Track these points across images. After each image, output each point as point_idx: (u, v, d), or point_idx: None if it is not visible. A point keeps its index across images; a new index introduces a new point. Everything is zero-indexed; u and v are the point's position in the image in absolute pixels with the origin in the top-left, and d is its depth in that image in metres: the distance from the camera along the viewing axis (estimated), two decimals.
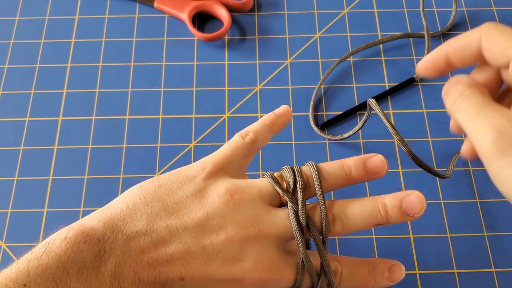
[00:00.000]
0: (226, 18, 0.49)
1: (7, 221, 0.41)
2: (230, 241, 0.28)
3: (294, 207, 0.30)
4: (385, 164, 0.31)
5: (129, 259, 0.26)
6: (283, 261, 0.30)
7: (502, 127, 0.24)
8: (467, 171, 0.43)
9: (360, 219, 0.30)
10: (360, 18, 0.51)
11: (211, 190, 0.30)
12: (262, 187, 0.31)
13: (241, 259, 0.28)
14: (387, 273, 0.32)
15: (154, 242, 0.27)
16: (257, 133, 0.33)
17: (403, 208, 0.30)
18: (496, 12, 0.51)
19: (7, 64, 0.49)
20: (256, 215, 0.29)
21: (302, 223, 0.29)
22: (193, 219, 0.28)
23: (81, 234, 0.26)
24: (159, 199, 0.29)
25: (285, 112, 0.35)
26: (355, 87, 0.47)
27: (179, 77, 0.48)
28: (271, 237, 0.29)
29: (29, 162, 0.44)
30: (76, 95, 0.47)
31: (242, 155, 0.32)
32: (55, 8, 0.52)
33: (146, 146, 0.45)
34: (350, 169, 0.31)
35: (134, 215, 0.28)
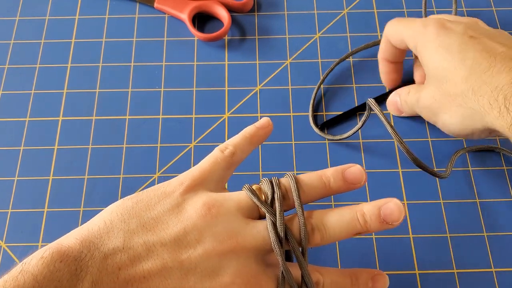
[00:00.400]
0: (226, 18, 0.49)
1: (7, 221, 0.41)
2: (208, 255, 0.28)
3: (272, 219, 0.30)
4: (363, 174, 0.32)
5: (106, 276, 0.26)
6: (263, 273, 0.29)
7: None
8: (467, 171, 0.43)
9: (339, 229, 0.30)
10: (360, 18, 0.51)
11: (189, 205, 0.30)
12: (240, 199, 0.31)
13: (219, 273, 0.28)
14: (370, 283, 0.32)
15: (131, 259, 0.27)
16: (237, 146, 0.33)
17: (381, 216, 0.30)
18: (496, 12, 0.51)
19: (7, 64, 0.49)
20: (234, 228, 0.29)
21: (280, 235, 0.29)
22: (170, 234, 0.28)
23: (57, 253, 0.26)
24: (136, 215, 0.29)
25: (265, 124, 0.35)
26: (355, 87, 0.47)
27: (179, 77, 0.48)
28: (250, 250, 0.29)
29: (29, 162, 0.44)
30: (76, 95, 0.47)
31: (222, 169, 0.32)
32: (55, 8, 0.52)
33: (146, 146, 0.45)
34: (329, 180, 0.31)
35: (111, 232, 0.28)
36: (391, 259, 0.39)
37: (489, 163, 0.43)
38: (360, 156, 0.44)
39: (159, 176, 0.43)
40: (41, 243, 0.40)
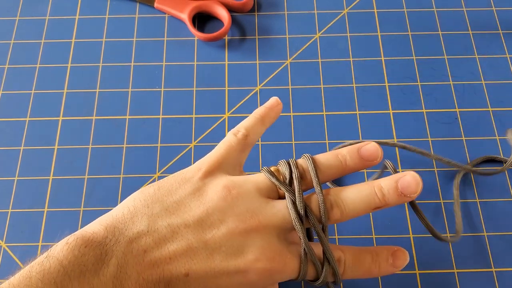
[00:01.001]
0: (226, 18, 0.49)
1: (7, 221, 0.41)
2: (232, 235, 0.28)
3: (291, 197, 0.30)
4: (379, 150, 0.32)
5: (132, 259, 0.26)
6: (286, 251, 0.30)
7: None
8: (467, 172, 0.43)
9: (357, 203, 0.30)
10: (360, 18, 0.51)
11: (209, 188, 0.30)
12: (259, 181, 0.31)
13: (243, 251, 0.28)
14: (390, 259, 0.32)
15: (156, 241, 0.27)
16: (249, 128, 0.34)
17: (399, 189, 0.30)
18: (496, 12, 0.51)
19: (7, 64, 0.49)
20: (255, 208, 0.30)
21: (300, 212, 0.30)
22: (193, 216, 0.29)
23: (82, 239, 0.26)
24: (159, 200, 0.29)
25: (275, 104, 0.36)
26: (355, 87, 0.47)
27: (179, 77, 0.48)
28: (272, 228, 0.30)
29: (29, 162, 0.44)
30: (76, 95, 0.47)
31: (237, 152, 0.33)
32: (55, 8, 0.52)
33: (146, 146, 0.45)
34: (345, 158, 0.32)
35: (135, 217, 0.28)
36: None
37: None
38: None
39: (159, 176, 0.43)
40: (41, 243, 0.40)
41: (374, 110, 0.46)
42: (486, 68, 0.48)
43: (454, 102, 0.46)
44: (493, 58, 0.49)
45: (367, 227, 0.41)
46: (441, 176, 0.43)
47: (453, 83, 0.47)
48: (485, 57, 0.49)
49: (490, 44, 0.49)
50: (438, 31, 0.50)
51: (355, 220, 0.33)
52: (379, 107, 0.46)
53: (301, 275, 0.30)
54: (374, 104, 0.46)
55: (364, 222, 0.41)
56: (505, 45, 0.49)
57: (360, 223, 0.41)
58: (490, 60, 0.48)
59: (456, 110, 0.46)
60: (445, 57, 0.49)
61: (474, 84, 0.47)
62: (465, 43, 0.49)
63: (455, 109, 0.46)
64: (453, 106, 0.46)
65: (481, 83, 0.47)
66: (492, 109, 0.46)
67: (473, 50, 0.49)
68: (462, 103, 0.46)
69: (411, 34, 0.50)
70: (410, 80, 0.47)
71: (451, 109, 0.46)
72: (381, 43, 0.49)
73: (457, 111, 0.46)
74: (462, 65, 0.48)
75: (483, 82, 0.47)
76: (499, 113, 0.46)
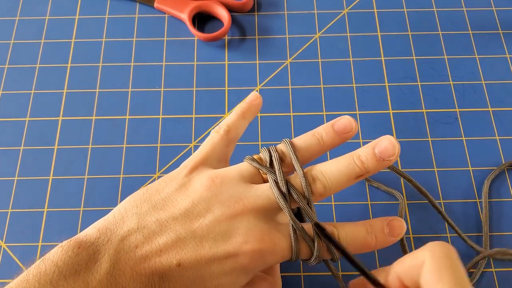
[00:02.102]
0: (226, 18, 0.49)
1: (7, 221, 0.41)
2: (218, 221, 0.29)
3: (273, 177, 0.31)
4: (352, 121, 0.33)
5: (124, 255, 0.27)
6: (275, 230, 0.30)
7: None
8: (467, 171, 0.43)
9: (338, 174, 0.31)
10: (360, 18, 0.51)
11: (194, 181, 0.31)
12: (242, 168, 0.32)
13: (231, 236, 0.29)
14: (387, 229, 0.31)
15: (146, 236, 0.28)
16: (229, 123, 0.35)
17: (377, 154, 0.31)
18: (496, 12, 0.51)
19: (7, 64, 0.49)
20: (239, 193, 0.30)
21: (282, 190, 0.30)
22: (180, 208, 0.30)
23: (75, 241, 0.27)
24: (147, 199, 0.30)
25: (254, 98, 0.37)
26: (355, 87, 0.47)
27: (179, 77, 0.48)
28: (257, 210, 0.30)
29: (29, 162, 0.44)
30: (76, 95, 0.47)
31: (220, 147, 0.34)
32: (55, 8, 0.52)
33: (146, 146, 0.45)
34: (321, 135, 0.33)
35: (125, 217, 0.29)
36: (392, 259, 0.39)
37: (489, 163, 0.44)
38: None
39: (159, 176, 0.43)
40: (41, 243, 0.40)
41: (374, 110, 0.46)
42: (486, 68, 0.48)
43: (454, 102, 0.46)
44: (493, 58, 0.49)
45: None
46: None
47: (453, 83, 0.47)
48: (485, 57, 0.49)
49: (490, 44, 0.49)
50: (438, 31, 0.50)
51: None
52: (379, 107, 0.46)
53: (294, 254, 0.30)
54: (374, 104, 0.46)
55: None
56: (505, 45, 0.49)
57: None
58: (490, 60, 0.48)
59: (456, 110, 0.46)
60: (445, 57, 0.49)
61: (474, 84, 0.47)
62: (465, 43, 0.49)
63: (455, 109, 0.46)
64: (453, 106, 0.46)
65: (481, 83, 0.47)
66: (492, 109, 0.46)
67: (473, 50, 0.49)
68: (462, 103, 0.46)
69: (411, 34, 0.50)
70: (410, 80, 0.47)
71: (451, 109, 0.46)
72: (381, 43, 0.49)
73: (457, 111, 0.46)
74: (462, 65, 0.48)
75: (483, 82, 0.47)
76: (499, 113, 0.46)
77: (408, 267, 0.26)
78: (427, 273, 0.24)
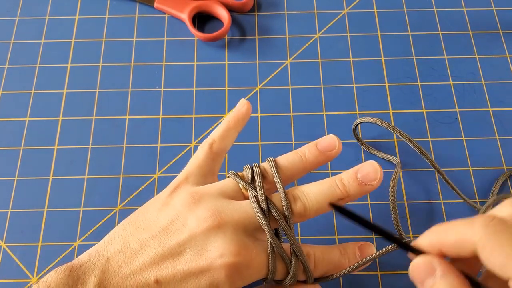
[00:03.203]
0: (226, 18, 0.49)
1: (7, 221, 0.41)
2: (193, 235, 0.29)
3: (254, 192, 0.31)
4: (336, 140, 0.33)
5: (109, 275, 0.29)
6: (252, 246, 0.30)
7: None
8: (467, 171, 0.43)
9: (320, 195, 0.31)
10: (360, 18, 0.51)
11: (175, 200, 0.32)
12: (223, 184, 0.33)
13: (207, 249, 0.29)
14: (358, 253, 0.34)
15: (128, 256, 0.29)
16: (215, 136, 0.35)
17: (359, 178, 0.31)
18: (496, 12, 0.51)
19: (7, 64, 0.49)
20: (217, 206, 0.30)
21: (262, 206, 0.30)
22: (160, 226, 0.30)
23: (67, 265, 0.29)
24: (133, 221, 0.32)
25: (240, 105, 0.37)
26: (355, 87, 0.47)
27: (179, 77, 0.48)
28: (234, 224, 0.30)
29: (29, 162, 0.44)
30: (76, 95, 0.47)
31: (205, 161, 0.34)
32: (55, 8, 0.52)
33: (146, 146, 0.45)
34: (304, 153, 0.33)
35: (113, 239, 0.31)
36: (392, 258, 0.39)
37: None
38: (360, 156, 0.44)
39: (159, 176, 0.43)
40: (41, 243, 0.40)
41: (374, 110, 0.46)
42: (486, 68, 0.48)
43: (454, 102, 0.46)
44: (493, 58, 0.49)
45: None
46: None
47: (453, 83, 0.47)
48: (485, 57, 0.49)
49: (490, 44, 0.49)
50: (438, 31, 0.50)
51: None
52: (379, 107, 0.46)
53: (271, 272, 0.30)
54: (374, 104, 0.46)
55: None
56: (505, 45, 0.49)
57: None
58: (490, 60, 0.48)
59: (456, 110, 0.46)
60: (445, 57, 0.49)
61: (474, 84, 0.47)
62: (465, 43, 0.49)
63: (455, 109, 0.46)
64: (453, 106, 0.46)
65: (481, 83, 0.47)
66: (492, 109, 0.46)
67: (473, 50, 0.49)
68: (462, 103, 0.46)
69: (411, 34, 0.50)
70: (410, 80, 0.47)
71: (451, 109, 0.46)
72: (381, 43, 0.49)
73: (457, 111, 0.46)
74: (462, 65, 0.48)
75: (483, 82, 0.47)
76: (499, 113, 0.46)
77: (453, 242, 0.24)
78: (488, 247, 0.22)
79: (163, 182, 0.43)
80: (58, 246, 0.40)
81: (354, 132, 0.43)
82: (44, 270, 0.39)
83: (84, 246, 0.40)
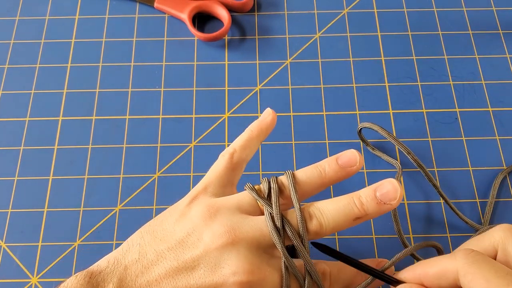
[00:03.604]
0: (226, 18, 0.49)
1: (7, 221, 0.41)
2: (208, 251, 0.29)
3: (269, 210, 0.30)
4: (357, 155, 0.32)
5: (126, 284, 0.29)
6: (266, 264, 0.30)
7: None
8: (467, 171, 0.43)
9: (336, 213, 0.30)
10: (360, 18, 0.51)
11: (192, 211, 0.32)
12: (240, 198, 0.32)
13: (220, 266, 0.29)
14: None
15: (145, 266, 0.29)
16: (236, 146, 0.35)
17: (378, 197, 0.30)
18: (496, 12, 0.51)
19: (7, 64, 0.49)
20: (232, 223, 0.30)
21: (277, 224, 0.30)
22: (176, 239, 0.30)
23: (87, 271, 0.29)
24: (152, 231, 0.31)
25: (265, 115, 0.36)
26: (355, 87, 0.47)
27: (179, 77, 0.48)
28: (249, 242, 0.30)
29: (29, 162, 0.44)
30: (76, 95, 0.47)
31: (225, 172, 0.34)
32: (55, 8, 0.52)
33: (146, 146, 0.45)
34: (324, 168, 0.32)
35: (131, 248, 0.31)
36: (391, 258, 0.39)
37: None
38: None
39: (159, 176, 0.43)
40: (41, 243, 0.40)
41: (374, 110, 0.46)
42: (486, 68, 0.48)
43: (454, 102, 0.46)
44: (493, 58, 0.49)
45: (367, 228, 0.41)
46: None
47: (453, 83, 0.47)
48: (485, 57, 0.49)
49: (490, 44, 0.49)
50: (438, 31, 0.50)
51: None
52: (379, 107, 0.46)
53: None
54: (374, 104, 0.46)
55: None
56: (505, 45, 0.49)
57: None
58: (490, 60, 0.48)
59: (456, 110, 0.46)
60: (445, 57, 0.49)
61: (474, 84, 0.47)
62: (465, 43, 0.49)
63: (455, 109, 0.46)
64: (453, 106, 0.46)
65: (481, 83, 0.47)
66: (492, 109, 0.46)
67: (473, 50, 0.49)
68: (462, 103, 0.46)
69: (411, 34, 0.50)
70: (410, 80, 0.47)
71: (451, 109, 0.46)
72: (381, 43, 0.49)
73: (457, 111, 0.46)
74: (462, 65, 0.48)
75: (483, 82, 0.47)
76: (499, 113, 0.46)
77: (436, 272, 0.27)
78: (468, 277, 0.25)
79: (163, 182, 0.43)
80: (58, 246, 0.40)
81: (360, 135, 0.43)
82: (44, 270, 0.39)
83: (84, 246, 0.40)
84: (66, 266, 0.39)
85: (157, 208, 0.42)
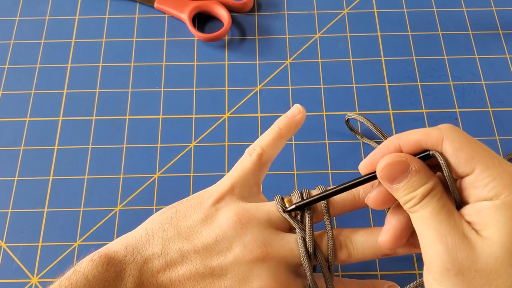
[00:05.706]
0: (226, 18, 0.49)
1: (7, 221, 0.41)
2: (238, 263, 0.29)
3: (302, 234, 0.30)
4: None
5: (146, 279, 0.28)
6: (292, 283, 0.30)
7: (453, 250, 0.23)
8: None
9: (367, 248, 0.30)
10: (360, 18, 0.51)
11: (221, 215, 0.31)
12: (270, 211, 0.31)
13: (249, 280, 0.29)
14: None
15: (168, 263, 0.29)
16: (264, 145, 0.34)
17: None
18: (496, 12, 0.51)
19: (7, 64, 0.49)
20: (264, 238, 0.30)
21: (309, 250, 0.30)
22: (203, 242, 0.30)
23: (105, 257, 0.28)
24: (174, 225, 0.31)
25: (296, 112, 0.35)
26: (355, 87, 0.47)
27: (179, 77, 0.48)
28: (278, 260, 0.30)
29: (29, 162, 0.44)
30: (76, 95, 0.47)
31: (252, 172, 0.33)
32: (55, 8, 0.52)
33: (146, 146, 0.45)
34: (359, 192, 0.31)
35: (151, 239, 0.30)
36: (392, 258, 0.39)
37: None
38: (359, 153, 0.44)
39: (159, 176, 0.43)
40: (41, 243, 0.40)
41: (374, 110, 0.46)
42: (486, 68, 0.48)
43: (454, 102, 0.46)
44: (493, 58, 0.49)
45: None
46: None
47: (453, 83, 0.47)
48: (485, 57, 0.49)
49: (490, 44, 0.49)
50: (438, 31, 0.50)
51: None
52: (379, 107, 0.46)
53: None
54: (374, 104, 0.46)
55: None
56: (505, 45, 0.49)
57: None
58: (490, 60, 0.48)
59: (456, 110, 0.46)
60: (445, 57, 0.49)
61: (474, 84, 0.47)
62: (465, 43, 0.49)
63: (455, 109, 0.46)
64: (453, 106, 0.46)
65: (481, 83, 0.47)
66: (492, 109, 0.46)
67: (473, 50, 0.49)
68: (462, 103, 0.46)
69: (411, 34, 0.50)
70: (410, 80, 0.47)
71: (451, 109, 0.46)
72: (381, 43, 0.49)
73: (457, 111, 0.46)
74: (462, 65, 0.48)
75: (483, 82, 0.47)
76: (499, 113, 0.46)
77: (415, 139, 0.26)
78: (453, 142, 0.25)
79: (163, 182, 0.43)
80: (58, 246, 0.40)
81: (347, 124, 0.44)
82: (44, 270, 0.39)
83: (84, 246, 0.40)
84: (66, 266, 0.39)
85: (157, 208, 0.42)
